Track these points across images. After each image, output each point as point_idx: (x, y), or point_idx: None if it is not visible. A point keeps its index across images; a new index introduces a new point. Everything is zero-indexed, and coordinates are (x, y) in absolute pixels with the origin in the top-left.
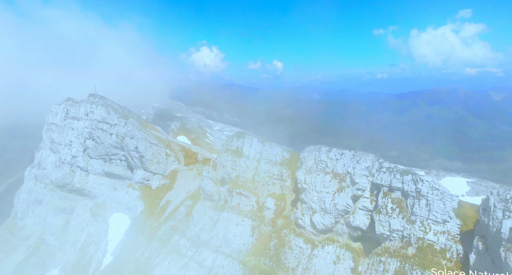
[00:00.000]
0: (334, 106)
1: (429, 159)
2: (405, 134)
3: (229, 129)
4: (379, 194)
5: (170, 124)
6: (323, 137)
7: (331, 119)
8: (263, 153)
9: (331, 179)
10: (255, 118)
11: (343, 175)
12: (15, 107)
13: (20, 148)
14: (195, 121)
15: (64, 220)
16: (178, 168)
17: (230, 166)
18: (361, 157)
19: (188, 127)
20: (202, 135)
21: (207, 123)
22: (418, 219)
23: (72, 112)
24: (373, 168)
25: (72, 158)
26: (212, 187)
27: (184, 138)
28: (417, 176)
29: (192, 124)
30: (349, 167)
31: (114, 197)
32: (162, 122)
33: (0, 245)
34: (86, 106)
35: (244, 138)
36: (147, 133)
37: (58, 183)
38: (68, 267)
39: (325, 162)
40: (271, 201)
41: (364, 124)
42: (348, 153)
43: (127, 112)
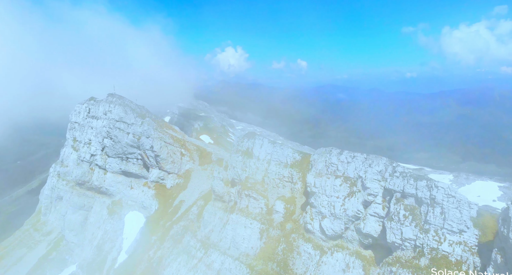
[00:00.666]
0: (360, 106)
1: (460, 162)
2: (435, 136)
3: (251, 128)
4: (392, 200)
5: (193, 123)
6: (348, 137)
7: (357, 120)
8: (274, 154)
9: (341, 183)
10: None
11: (354, 179)
12: (50, 105)
13: (55, 145)
14: (217, 121)
15: (83, 217)
16: (192, 168)
17: (240, 167)
18: (374, 160)
19: (210, 126)
20: (224, 134)
21: (230, 122)
22: (432, 228)
23: (92, 111)
24: (386, 172)
25: (91, 156)
26: (223, 188)
27: (207, 137)
28: (431, 181)
29: (214, 124)
30: (360, 171)
31: (130, 195)
32: (186, 122)
33: (23, 239)
34: (104, 106)
35: (255, 139)
36: (163, 132)
37: (78, 181)
38: (85, 263)
39: (336, 165)
40: (280, 204)
41: (392, 125)
42: (360, 156)
43: (145, 112)
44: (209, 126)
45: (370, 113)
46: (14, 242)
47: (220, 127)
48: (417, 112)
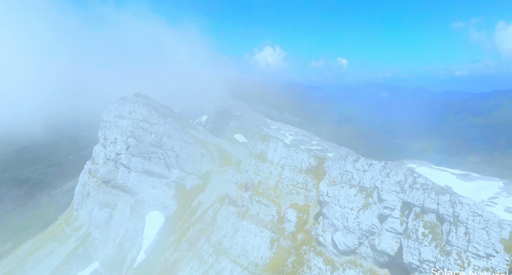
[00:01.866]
0: (405, 105)
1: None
2: (488, 138)
3: (286, 128)
4: (410, 215)
5: (229, 122)
6: (390, 139)
7: (401, 120)
8: (288, 159)
9: (356, 193)
10: (315, 117)
11: (370, 189)
12: (99, 104)
13: None
14: (252, 120)
15: (108, 215)
16: (212, 169)
17: (253, 171)
18: (392, 170)
19: (245, 126)
20: (258, 134)
21: (264, 122)
22: (454, 250)
23: (118, 110)
24: (405, 183)
25: (116, 155)
26: (236, 192)
27: (241, 136)
28: (455, 196)
29: (249, 123)
30: (377, 181)
31: (152, 194)
32: (222, 121)
33: (56, 233)
34: (129, 106)
35: (269, 142)
36: (184, 133)
37: (104, 178)
38: (107, 261)
39: (351, 173)
40: (292, 212)
41: (439, 126)
42: (378, 164)
43: (168, 112)
44: (243, 126)
45: (415, 113)
46: (48, 235)
47: (254, 126)
48: (468, 113)
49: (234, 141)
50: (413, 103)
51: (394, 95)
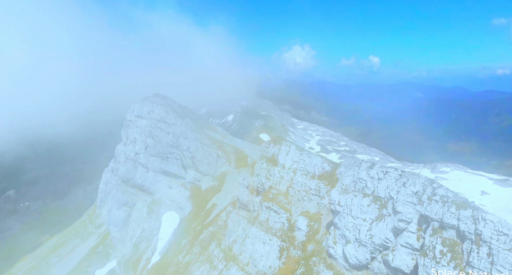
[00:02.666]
0: (441, 106)
1: None
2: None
3: (313, 128)
4: (428, 230)
5: (254, 122)
6: (424, 140)
7: (436, 121)
8: (300, 163)
9: (370, 203)
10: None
11: (385, 199)
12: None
13: None
14: (277, 120)
15: (126, 214)
16: (227, 170)
17: (264, 175)
18: (409, 179)
19: (270, 125)
20: (283, 133)
21: (290, 121)
22: (476, 273)
23: (138, 110)
24: (423, 194)
25: (135, 154)
26: (247, 196)
27: (266, 136)
28: (478, 212)
29: (274, 123)
30: (392, 190)
31: (169, 195)
32: (248, 120)
33: (79, 230)
34: (148, 106)
35: (281, 145)
36: (201, 133)
37: (123, 178)
38: (123, 260)
39: (365, 181)
40: (303, 220)
41: (479, 127)
42: (393, 172)
43: (186, 112)
44: (269, 125)
45: (452, 113)
46: (72, 231)
47: (280, 126)
48: (510, 114)
49: (259, 140)
50: (450, 103)
51: (429, 95)
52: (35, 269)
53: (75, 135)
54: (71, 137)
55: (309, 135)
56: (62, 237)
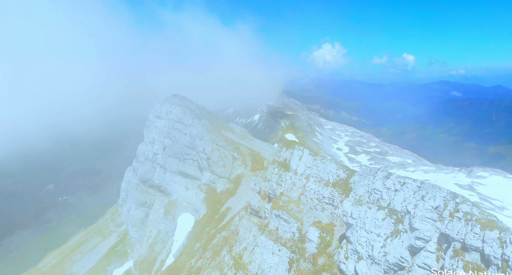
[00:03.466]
0: (480, 106)
1: None
2: None
3: (342, 128)
4: (448, 251)
5: (280, 122)
6: (462, 142)
7: (475, 121)
8: (313, 169)
9: (385, 217)
10: (376, 117)
11: (401, 213)
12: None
13: None
14: (304, 120)
15: (144, 214)
16: (243, 173)
17: (275, 180)
18: (429, 191)
19: (296, 125)
20: (310, 134)
21: (318, 121)
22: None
23: (157, 111)
24: (445, 209)
25: (153, 155)
26: (259, 202)
27: (292, 136)
28: (507, 234)
29: (301, 123)
30: (410, 204)
31: (185, 196)
32: (274, 120)
33: (102, 228)
34: (167, 106)
35: (294, 149)
36: (217, 135)
37: (141, 177)
38: (139, 261)
39: (380, 192)
40: (315, 231)
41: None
42: (412, 184)
43: (204, 113)
44: (295, 125)
45: (492, 114)
46: (95, 229)
47: (306, 126)
48: None
49: (285, 140)
50: (490, 103)
51: (467, 94)
52: (59, 265)
53: (110, 133)
54: (106, 136)
55: (337, 136)
56: (85, 234)
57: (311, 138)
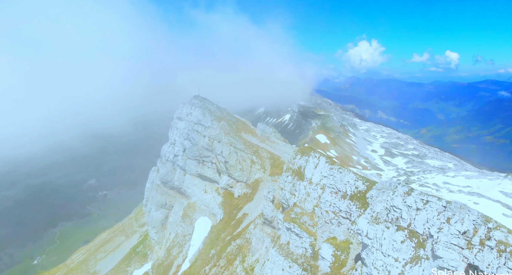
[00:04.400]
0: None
1: None
2: None
3: (378, 129)
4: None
5: (311, 122)
6: (510, 146)
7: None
8: (330, 179)
9: (404, 239)
10: (415, 118)
11: (423, 236)
12: None
13: None
14: (337, 120)
15: (164, 216)
16: (261, 177)
17: (288, 189)
18: (456, 213)
19: (328, 126)
20: (343, 135)
21: (351, 122)
22: None
23: (178, 112)
24: (474, 236)
25: (174, 156)
26: (272, 211)
27: (323, 137)
28: None
29: (333, 123)
30: (433, 226)
31: (204, 199)
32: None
33: (126, 227)
34: (187, 108)
35: (309, 156)
36: (235, 137)
37: (162, 179)
38: (156, 264)
39: (400, 210)
40: (328, 248)
41: None
42: (436, 203)
43: (225, 115)
44: (326, 126)
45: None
46: (120, 227)
47: (339, 127)
48: None
49: (315, 141)
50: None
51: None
52: (84, 262)
53: (150, 132)
54: (143, 132)
55: (372, 137)
56: (111, 232)
57: (343, 139)
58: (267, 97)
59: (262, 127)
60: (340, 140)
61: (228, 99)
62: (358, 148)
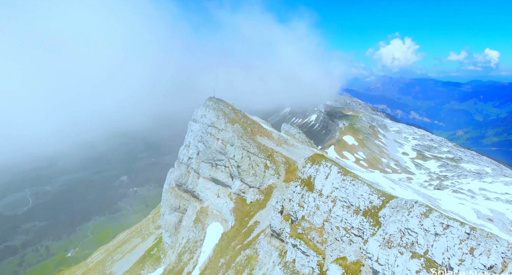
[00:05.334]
0: None
1: None
2: None
3: (410, 130)
4: None
5: (338, 122)
6: None
7: None
8: (341, 191)
9: (420, 269)
10: (450, 119)
11: (442, 267)
12: None
13: None
14: (365, 121)
15: (178, 219)
16: (275, 183)
17: (297, 201)
18: (481, 243)
19: (357, 127)
20: (372, 136)
21: (381, 123)
22: None
23: (193, 114)
24: (503, 271)
25: (188, 159)
26: (280, 223)
27: (351, 138)
28: None
29: (362, 124)
30: (453, 257)
31: (216, 204)
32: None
33: (143, 228)
34: (202, 109)
35: (320, 165)
36: (249, 141)
37: (176, 181)
38: (168, 269)
39: (416, 234)
40: (337, 270)
41: None
42: (459, 229)
43: (240, 117)
44: (355, 127)
45: None
46: (138, 228)
47: (368, 128)
48: None
49: (342, 143)
50: None
51: None
52: (102, 262)
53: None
54: (174, 131)
55: (403, 139)
56: (129, 232)
57: (372, 141)
58: (292, 97)
59: (286, 128)
60: (369, 142)
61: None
62: (388, 150)
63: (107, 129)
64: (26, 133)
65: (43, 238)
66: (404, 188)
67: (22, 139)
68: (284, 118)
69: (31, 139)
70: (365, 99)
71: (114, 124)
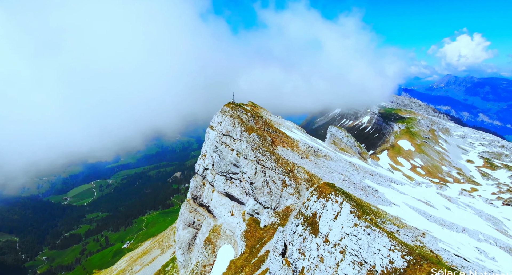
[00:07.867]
0: None
1: None
2: None
3: (477, 135)
4: None
5: (393, 126)
6: None
7: None
8: (352, 241)
9: None
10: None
11: None
12: None
13: None
14: (424, 124)
15: (191, 235)
16: (294, 205)
17: (297, 244)
18: None
19: (414, 130)
20: (431, 141)
21: (444, 126)
22: None
23: (211, 121)
24: None
25: (204, 170)
26: (281, 269)
27: (407, 143)
28: None
29: (420, 127)
30: None
31: (230, 223)
32: (385, 123)
33: (164, 239)
34: (219, 116)
35: (328, 199)
36: (265, 153)
37: (192, 194)
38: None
39: None
40: None
41: None
42: None
43: (261, 125)
44: (412, 130)
45: None
46: (160, 238)
47: (427, 132)
48: None
49: (397, 148)
50: None
51: None
52: (123, 272)
53: None
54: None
55: (468, 145)
56: (154, 241)
57: (432, 146)
58: (341, 96)
59: (333, 131)
60: (428, 147)
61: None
62: (450, 157)
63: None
64: None
65: (104, 228)
66: (463, 207)
67: None
68: (333, 120)
69: None
70: (426, 100)
71: None
